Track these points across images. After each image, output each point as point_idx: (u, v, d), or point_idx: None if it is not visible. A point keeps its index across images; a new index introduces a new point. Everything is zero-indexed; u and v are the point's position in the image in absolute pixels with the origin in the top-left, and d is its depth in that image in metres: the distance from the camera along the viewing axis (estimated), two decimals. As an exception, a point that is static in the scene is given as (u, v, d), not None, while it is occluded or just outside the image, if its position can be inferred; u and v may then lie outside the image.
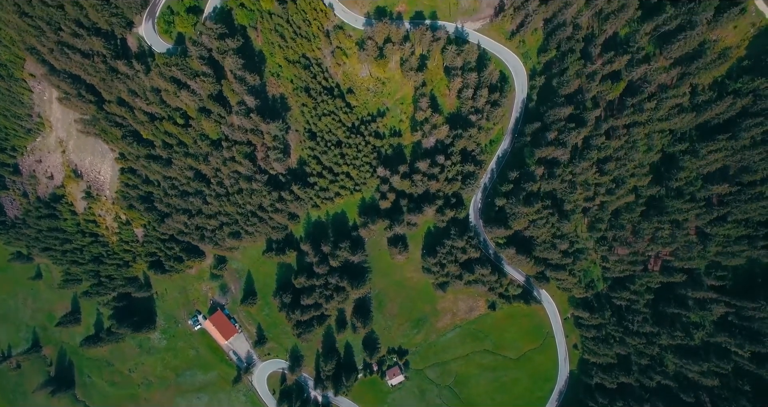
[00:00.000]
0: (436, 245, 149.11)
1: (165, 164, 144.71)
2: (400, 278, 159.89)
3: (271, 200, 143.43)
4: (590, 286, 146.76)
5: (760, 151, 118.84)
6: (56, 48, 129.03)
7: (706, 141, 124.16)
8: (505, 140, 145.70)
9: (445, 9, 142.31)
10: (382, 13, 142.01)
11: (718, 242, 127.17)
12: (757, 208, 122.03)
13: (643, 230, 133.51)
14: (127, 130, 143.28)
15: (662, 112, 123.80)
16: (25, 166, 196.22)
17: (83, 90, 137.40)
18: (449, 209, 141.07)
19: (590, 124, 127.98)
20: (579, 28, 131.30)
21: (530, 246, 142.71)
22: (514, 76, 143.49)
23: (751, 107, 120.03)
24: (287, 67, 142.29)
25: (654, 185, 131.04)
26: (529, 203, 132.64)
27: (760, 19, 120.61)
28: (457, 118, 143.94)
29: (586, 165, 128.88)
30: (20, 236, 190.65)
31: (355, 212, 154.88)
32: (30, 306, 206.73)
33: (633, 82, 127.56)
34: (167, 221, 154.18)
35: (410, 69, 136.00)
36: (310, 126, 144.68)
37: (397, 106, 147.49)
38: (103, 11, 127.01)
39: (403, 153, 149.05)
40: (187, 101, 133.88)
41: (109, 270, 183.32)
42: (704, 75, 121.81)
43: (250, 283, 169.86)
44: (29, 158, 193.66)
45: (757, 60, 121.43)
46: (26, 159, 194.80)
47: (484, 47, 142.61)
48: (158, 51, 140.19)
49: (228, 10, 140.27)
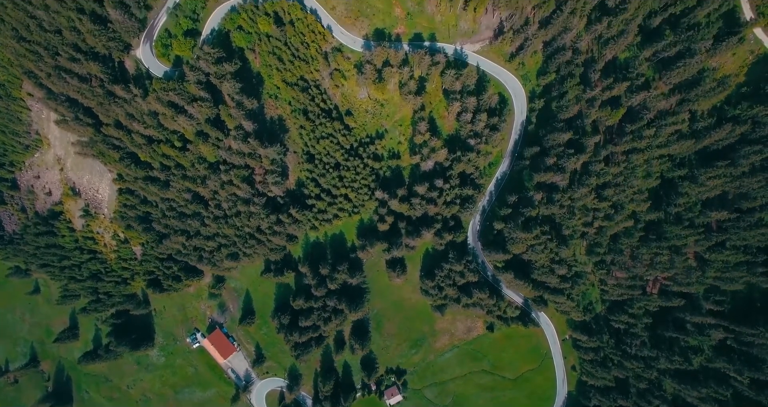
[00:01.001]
0: (434, 268, 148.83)
1: (163, 187, 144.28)
2: (399, 299, 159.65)
3: (269, 222, 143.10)
4: (588, 309, 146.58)
5: (759, 178, 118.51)
6: (53, 73, 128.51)
7: (705, 167, 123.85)
8: (504, 162, 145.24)
9: (444, 31, 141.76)
10: (380, 35, 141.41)
11: (716, 267, 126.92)
12: (756, 235, 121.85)
13: (642, 255, 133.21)
14: (124, 152, 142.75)
15: (661, 138, 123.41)
16: (23, 181, 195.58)
17: (81, 113, 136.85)
18: (447, 232, 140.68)
19: (589, 150, 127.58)
20: (579, 53, 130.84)
21: (529, 269, 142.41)
22: (514, 98, 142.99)
23: (750, 133, 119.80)
24: (285, 89, 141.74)
25: (653, 210, 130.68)
26: (527, 229, 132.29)
27: (758, 46, 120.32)
28: (455, 139, 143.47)
29: (584, 191, 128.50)
30: (18, 252, 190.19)
31: (354, 233, 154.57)
32: (28, 321, 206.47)
33: (632, 108, 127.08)
34: (165, 242, 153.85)
35: (409, 93, 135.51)
36: (308, 148, 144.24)
37: (395, 128, 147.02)
38: (101, 37, 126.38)
39: (401, 175, 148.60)
40: (185, 125, 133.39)
41: (108, 287, 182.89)
42: (703, 102, 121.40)
43: (249, 302, 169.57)
44: (27, 174, 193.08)
45: (756, 87, 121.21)
46: (24, 174, 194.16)
47: (484, 69, 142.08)
48: (156, 74, 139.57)
49: (226, 33, 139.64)
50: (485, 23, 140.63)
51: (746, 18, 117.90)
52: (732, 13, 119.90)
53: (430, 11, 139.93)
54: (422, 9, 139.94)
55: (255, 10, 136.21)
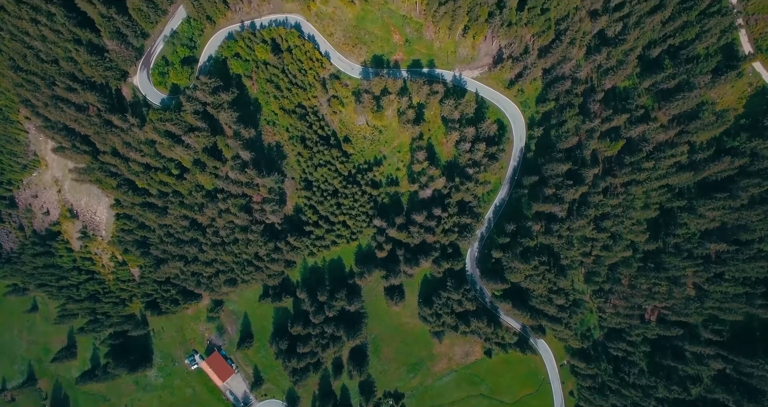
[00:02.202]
0: (432, 294, 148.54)
1: (160, 213, 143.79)
2: (397, 324, 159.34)
3: (267, 250, 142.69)
4: (586, 336, 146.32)
5: (758, 212, 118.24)
6: (50, 102, 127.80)
7: (704, 198, 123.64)
8: (502, 188, 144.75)
9: (443, 57, 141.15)
10: (379, 61, 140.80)
11: (715, 298, 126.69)
12: (755, 267, 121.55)
13: (640, 285, 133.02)
14: (122, 179, 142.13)
15: (661, 171, 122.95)
16: (21, 199, 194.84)
17: (78, 141, 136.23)
18: (446, 261, 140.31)
19: (588, 181, 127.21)
20: (578, 82, 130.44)
21: (527, 297, 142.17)
22: (513, 124, 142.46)
23: (749, 166, 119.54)
24: (283, 116, 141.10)
25: (652, 240, 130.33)
26: (525, 260, 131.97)
27: (757, 79, 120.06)
28: (454, 166, 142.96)
29: (583, 222, 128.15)
30: (15, 271, 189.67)
31: (352, 258, 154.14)
32: (25, 339, 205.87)
33: (632, 140, 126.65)
34: (163, 266, 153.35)
35: (407, 121, 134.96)
36: (306, 175, 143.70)
37: (393, 154, 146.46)
38: (97, 67, 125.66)
39: (400, 201, 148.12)
40: (182, 154, 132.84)
41: (106, 308, 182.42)
42: (702, 134, 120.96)
43: (247, 325, 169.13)
44: (25, 192, 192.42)
45: (755, 119, 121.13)
46: (22, 193, 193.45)
47: (482, 95, 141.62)
48: (153, 101, 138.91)
49: (223, 60, 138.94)
50: (484, 50, 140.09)
51: (745, 52, 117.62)
52: (731, 46, 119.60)
53: (429, 38, 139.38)
54: (421, 36, 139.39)
55: (252, 38, 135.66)
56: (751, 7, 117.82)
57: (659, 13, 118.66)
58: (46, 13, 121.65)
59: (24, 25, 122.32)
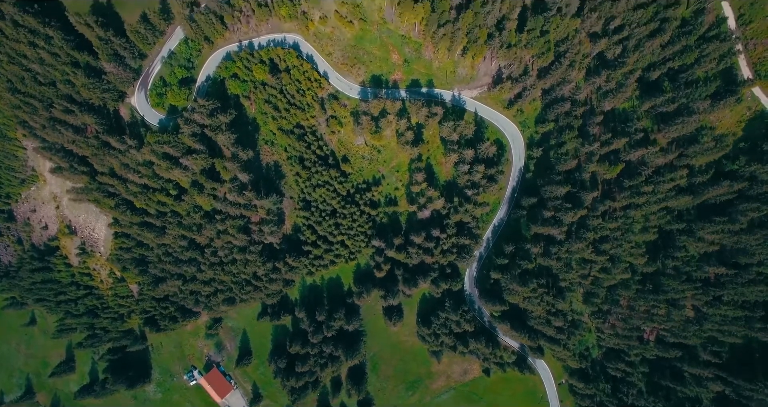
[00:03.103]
0: (431, 313, 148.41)
1: (159, 233, 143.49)
2: (395, 341, 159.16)
3: (265, 270, 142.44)
4: (584, 355, 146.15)
5: (757, 236, 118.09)
6: (48, 125, 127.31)
7: (703, 221, 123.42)
8: (501, 208, 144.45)
9: (442, 77, 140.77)
10: (377, 81, 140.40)
11: (714, 321, 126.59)
12: (754, 291, 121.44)
13: (639, 306, 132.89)
14: (120, 199, 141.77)
15: (660, 195, 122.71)
16: (19, 212, 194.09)
17: (75, 162, 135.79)
18: (444, 281, 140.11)
19: (587, 205, 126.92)
20: (577, 104, 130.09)
21: (525, 317, 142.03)
22: (512, 144, 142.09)
23: (748, 190, 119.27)
24: (281, 136, 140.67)
25: (651, 263, 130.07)
26: (524, 282, 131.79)
27: (755, 103, 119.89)
28: (453, 186, 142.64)
29: (581, 245, 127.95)
30: (13, 286, 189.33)
31: (351, 277, 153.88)
32: (23, 352, 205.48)
33: (631, 163, 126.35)
34: (161, 285, 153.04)
35: (406, 143, 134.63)
36: (305, 195, 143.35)
37: (392, 173, 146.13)
38: (95, 89, 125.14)
39: (398, 221, 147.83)
40: (180, 176, 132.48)
41: (104, 323, 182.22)
42: (701, 158, 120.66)
43: (246, 342, 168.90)
44: (23, 206, 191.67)
45: (753, 143, 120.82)
46: (20, 206, 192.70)
47: (481, 115, 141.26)
48: (151, 122, 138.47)
49: (221, 80, 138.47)
50: (483, 70, 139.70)
51: (744, 77, 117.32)
52: (730, 70, 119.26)
53: (428, 57, 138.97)
54: (420, 55, 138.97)
55: (250, 58, 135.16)
56: (750, 32, 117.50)
57: (659, 37, 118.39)
58: (44, 37, 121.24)
59: (22, 49, 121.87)
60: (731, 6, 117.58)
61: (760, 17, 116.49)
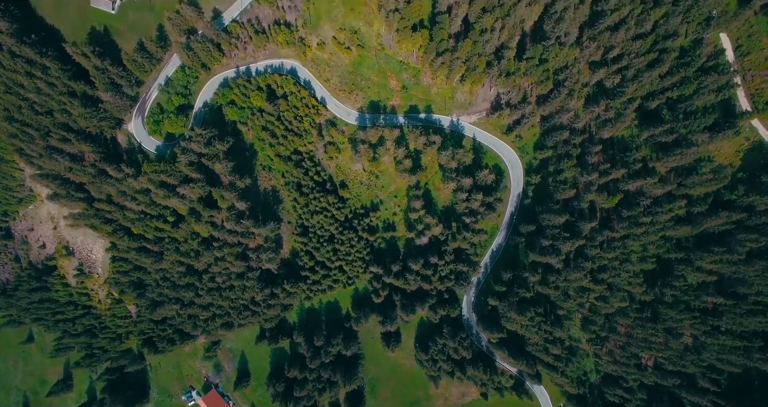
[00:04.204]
0: (429, 337, 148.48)
1: (156, 259, 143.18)
2: (394, 364, 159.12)
3: (263, 296, 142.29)
4: (582, 381, 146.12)
5: (756, 267, 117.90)
6: (45, 153, 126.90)
7: (702, 251, 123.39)
8: (500, 234, 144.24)
9: (440, 103, 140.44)
10: (375, 107, 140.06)
11: (712, 350, 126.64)
12: (753, 322, 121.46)
13: (637, 334, 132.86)
14: (117, 225, 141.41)
15: (658, 225, 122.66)
16: (17, 230, 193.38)
17: (72, 190, 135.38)
18: (442, 308, 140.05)
19: (585, 234, 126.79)
20: (576, 133, 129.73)
21: (523, 342, 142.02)
22: (510, 169, 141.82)
23: (747, 220, 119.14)
24: (278, 162, 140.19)
25: (649, 291, 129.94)
26: (522, 311, 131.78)
27: (753, 134, 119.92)
28: (451, 211, 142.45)
29: (579, 275, 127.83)
30: (10, 305, 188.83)
31: (349, 301, 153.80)
32: (21, 370, 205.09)
33: (630, 193, 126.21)
34: (159, 309, 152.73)
35: (404, 170, 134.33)
36: (302, 220, 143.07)
37: (390, 198, 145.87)
38: (92, 119, 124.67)
39: (396, 245, 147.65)
40: (177, 205, 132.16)
41: (102, 343, 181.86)
42: (700, 189, 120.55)
43: (244, 363, 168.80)
44: (21, 224, 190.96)
45: (752, 174, 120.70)
46: (18, 224, 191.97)
47: (480, 141, 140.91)
48: (148, 148, 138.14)
49: (218, 107, 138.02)
50: (482, 95, 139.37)
51: (742, 108, 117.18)
52: (728, 101, 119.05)
53: (426, 83, 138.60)
54: (418, 81, 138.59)
55: (247, 85, 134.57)
56: (747, 63, 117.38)
57: (657, 68, 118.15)
58: (41, 67, 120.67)
59: (19, 79, 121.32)
60: (729, 37, 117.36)
61: (757, 49, 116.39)
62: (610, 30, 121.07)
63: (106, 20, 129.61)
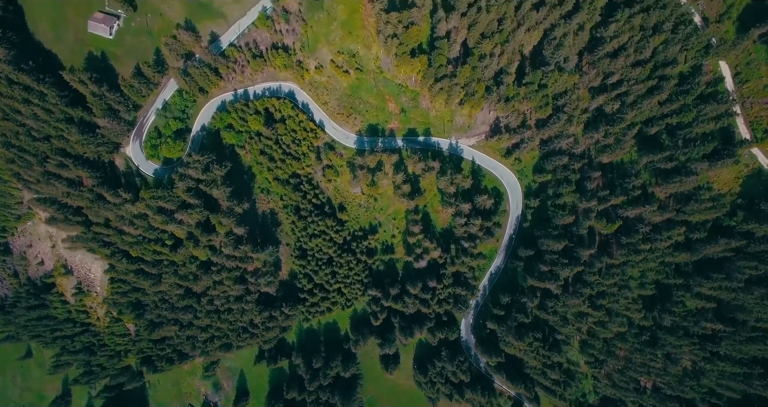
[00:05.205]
0: (427, 359, 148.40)
1: (155, 281, 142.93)
2: (392, 384, 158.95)
3: (262, 318, 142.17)
4: (581, 403, 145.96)
5: (755, 295, 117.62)
6: (42, 179, 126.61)
7: (701, 277, 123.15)
8: (498, 256, 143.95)
9: (439, 126, 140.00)
10: (374, 130, 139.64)
11: (712, 377, 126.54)
12: (752, 349, 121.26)
13: (636, 358, 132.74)
14: (115, 248, 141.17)
15: (658, 253, 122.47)
16: (15, 246, 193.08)
17: (70, 214, 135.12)
18: (440, 331, 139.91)
19: (584, 261, 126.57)
20: (575, 158, 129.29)
21: (521, 365, 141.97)
22: (509, 192, 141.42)
23: (746, 247, 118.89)
24: (277, 185, 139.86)
25: (648, 317, 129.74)
26: (520, 337, 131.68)
27: (752, 161, 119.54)
28: (450, 233, 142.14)
29: (578, 301, 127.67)
30: (8, 322, 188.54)
31: (347, 321, 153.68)
32: (19, 385, 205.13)
33: (629, 219, 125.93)
34: (157, 330, 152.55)
35: (402, 195, 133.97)
36: (301, 243, 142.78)
37: (389, 221, 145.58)
38: (89, 145, 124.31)
39: (395, 267, 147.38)
40: (175, 229, 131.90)
41: (101, 360, 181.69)
42: (699, 216, 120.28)
43: (243, 382, 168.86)
44: (20, 240, 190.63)
45: (751, 200, 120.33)
46: (17, 240, 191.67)
47: (479, 163, 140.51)
48: (146, 172, 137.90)
49: (216, 131, 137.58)
50: (481, 119, 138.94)
51: (742, 136, 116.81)
52: (728, 129, 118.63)
53: (425, 106, 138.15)
54: (417, 104, 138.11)
55: (245, 109, 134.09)
56: (746, 91, 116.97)
57: (657, 95, 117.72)
58: (38, 94, 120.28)
59: (16, 105, 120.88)
60: (728, 65, 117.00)
61: (756, 77, 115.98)
62: (610, 56, 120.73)
63: (104, 45, 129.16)
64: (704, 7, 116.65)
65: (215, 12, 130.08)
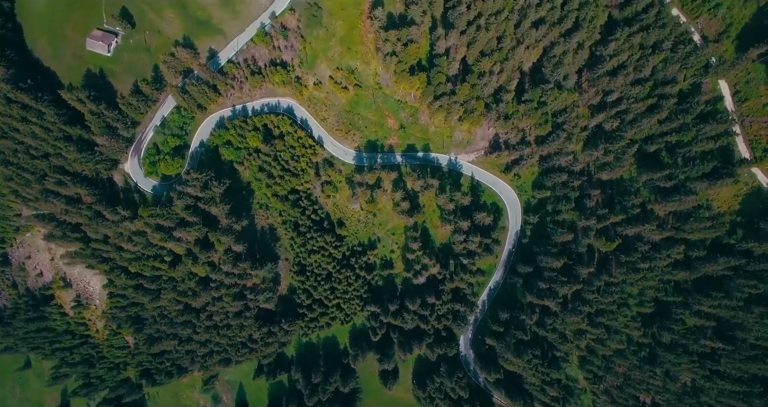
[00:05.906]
0: (426, 373, 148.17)
1: (154, 297, 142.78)
2: (391, 398, 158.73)
3: (261, 334, 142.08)
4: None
5: (754, 314, 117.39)
6: (41, 197, 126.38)
7: (700, 295, 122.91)
8: (497, 272, 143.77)
9: (438, 141, 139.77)
10: (373, 146, 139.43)
11: (711, 395, 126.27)
12: (752, 367, 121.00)
13: (635, 375, 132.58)
14: (114, 263, 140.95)
15: (657, 271, 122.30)
16: (14, 257, 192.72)
17: (69, 231, 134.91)
18: (439, 347, 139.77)
19: (583, 278, 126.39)
20: (575, 175, 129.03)
21: (521, 380, 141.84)
22: (508, 207, 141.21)
23: (746, 265, 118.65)
24: (275, 201, 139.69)
25: (647, 335, 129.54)
26: (519, 354, 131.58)
27: (752, 179, 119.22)
28: (449, 249, 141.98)
29: (577, 319, 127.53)
30: (7, 335, 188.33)
31: (346, 336, 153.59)
32: (18, 396, 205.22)
33: (628, 237, 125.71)
34: (156, 345, 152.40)
35: (401, 212, 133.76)
36: (300, 258, 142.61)
37: (388, 236, 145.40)
38: (87, 163, 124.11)
39: (394, 282, 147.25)
40: (174, 247, 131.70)
41: (100, 372, 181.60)
42: (698, 235, 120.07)
43: (243, 395, 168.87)
44: (18, 251, 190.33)
45: (750, 219, 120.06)
46: (15, 251, 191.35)
47: (478, 179, 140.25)
48: (144, 188, 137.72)
49: (214, 147, 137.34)
50: (480, 135, 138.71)
51: (741, 155, 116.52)
52: (727, 148, 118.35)
53: (424, 122, 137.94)
54: (416, 120, 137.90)
55: (244, 126, 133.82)
56: (746, 109, 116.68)
57: (656, 114, 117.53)
58: (37, 112, 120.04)
59: (14, 124, 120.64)
60: (727, 84, 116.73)
61: (755, 96, 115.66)
62: (609, 74, 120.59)
63: (102, 63, 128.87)
64: (703, 26, 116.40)
65: (213, 29, 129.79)
